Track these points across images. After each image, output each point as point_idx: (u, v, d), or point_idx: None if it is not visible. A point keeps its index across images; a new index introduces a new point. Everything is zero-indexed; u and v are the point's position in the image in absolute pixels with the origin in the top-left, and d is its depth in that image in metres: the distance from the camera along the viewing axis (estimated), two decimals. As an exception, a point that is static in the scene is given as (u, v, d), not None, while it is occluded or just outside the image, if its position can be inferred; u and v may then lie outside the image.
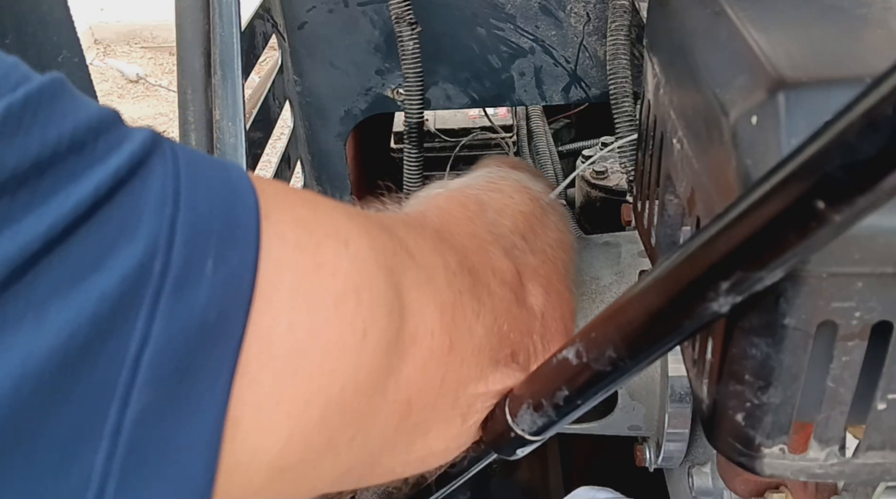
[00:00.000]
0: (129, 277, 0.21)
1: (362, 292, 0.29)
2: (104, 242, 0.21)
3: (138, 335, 0.21)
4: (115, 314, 0.21)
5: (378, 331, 0.30)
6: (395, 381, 0.32)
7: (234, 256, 0.24)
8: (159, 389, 0.22)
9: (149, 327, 0.21)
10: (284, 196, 0.29)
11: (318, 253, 0.28)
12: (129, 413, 0.21)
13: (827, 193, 0.21)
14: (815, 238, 0.22)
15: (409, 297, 0.32)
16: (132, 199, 0.22)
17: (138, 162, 0.22)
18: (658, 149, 0.45)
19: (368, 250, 0.30)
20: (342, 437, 0.30)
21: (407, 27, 0.75)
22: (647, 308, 0.29)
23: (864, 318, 0.30)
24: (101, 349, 0.20)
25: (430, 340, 0.34)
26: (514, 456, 0.41)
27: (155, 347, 0.21)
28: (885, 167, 0.20)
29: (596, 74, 0.81)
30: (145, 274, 0.22)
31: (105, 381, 0.21)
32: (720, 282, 0.25)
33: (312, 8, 0.79)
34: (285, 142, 0.83)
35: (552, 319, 0.46)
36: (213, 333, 0.23)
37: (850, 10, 0.35)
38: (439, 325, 0.34)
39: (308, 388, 0.27)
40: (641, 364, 0.31)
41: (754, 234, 0.24)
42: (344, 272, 0.29)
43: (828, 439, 0.33)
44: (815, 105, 0.29)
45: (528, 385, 0.37)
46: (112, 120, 0.23)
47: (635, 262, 0.63)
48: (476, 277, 0.39)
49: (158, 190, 0.23)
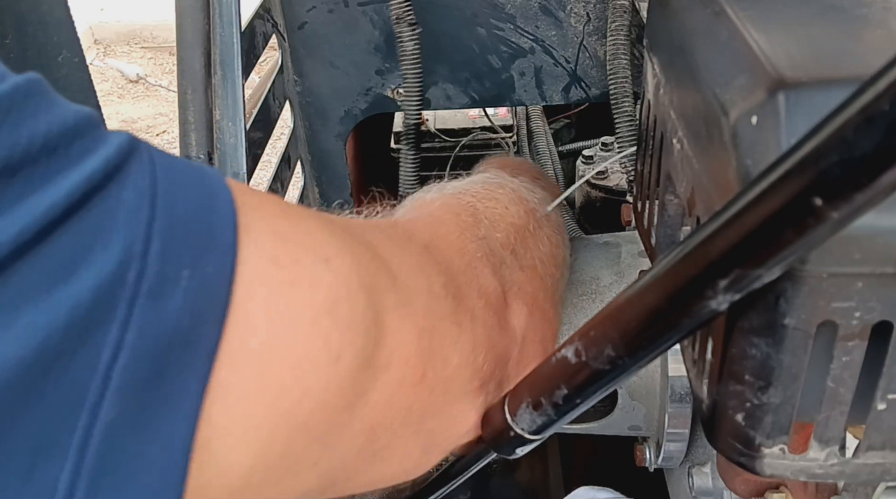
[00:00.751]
0: (103, 284, 0.21)
1: (340, 311, 0.29)
2: (78, 248, 0.21)
3: (111, 343, 0.21)
4: (88, 322, 0.20)
5: (352, 352, 0.29)
6: (362, 405, 0.31)
7: (209, 265, 0.24)
8: (130, 399, 0.21)
9: (122, 336, 0.21)
10: (265, 207, 0.28)
11: (295, 268, 0.27)
12: (99, 424, 0.21)
13: (824, 189, 0.21)
14: (813, 235, 0.22)
15: (387, 319, 0.32)
16: (107, 204, 0.22)
17: (114, 166, 0.22)
18: (658, 149, 0.45)
19: (350, 268, 0.30)
20: (306, 459, 0.29)
21: (407, 27, 0.75)
22: (645, 306, 0.29)
23: (864, 318, 0.30)
24: (72, 357, 0.20)
25: (403, 368, 0.33)
26: (514, 455, 0.41)
27: (128, 356, 0.21)
28: (882, 164, 0.20)
29: (596, 74, 0.81)
30: (120, 281, 0.21)
31: (75, 389, 0.20)
32: (718, 280, 0.25)
33: (312, 8, 0.79)
34: (285, 142, 0.83)
35: (531, 342, 0.45)
36: (186, 343, 0.23)
37: (850, 10, 0.35)
38: (415, 352, 0.34)
39: (278, 406, 0.26)
40: (640, 363, 0.31)
41: (752, 231, 0.24)
42: (322, 289, 0.28)
43: (828, 439, 0.33)
44: (815, 105, 0.29)
45: (527, 384, 0.37)
46: (88, 123, 0.22)
47: (635, 262, 0.63)
48: (459, 300, 0.39)
49: (134, 195, 0.22)
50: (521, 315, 0.44)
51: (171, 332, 0.22)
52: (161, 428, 0.22)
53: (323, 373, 0.28)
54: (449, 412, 0.38)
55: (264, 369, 0.26)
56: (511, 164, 0.62)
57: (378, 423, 0.33)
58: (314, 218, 0.31)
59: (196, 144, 0.59)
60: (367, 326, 0.30)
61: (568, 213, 1.03)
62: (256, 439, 0.26)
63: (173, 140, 3.12)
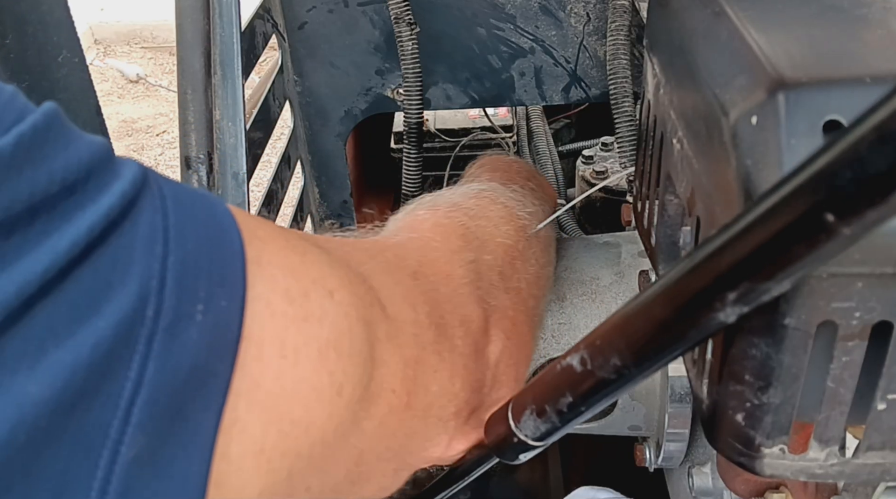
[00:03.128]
0: (124, 320, 0.21)
1: (343, 344, 0.29)
2: (99, 285, 0.21)
3: (133, 380, 0.21)
4: (110, 358, 0.20)
5: (352, 384, 0.30)
6: (356, 433, 0.32)
7: (222, 300, 0.24)
8: (150, 436, 0.21)
9: (142, 372, 0.21)
10: (274, 240, 0.28)
11: (306, 302, 0.28)
12: (120, 462, 0.21)
13: (837, 205, 0.21)
14: (824, 250, 0.22)
15: (379, 350, 0.33)
16: (124, 240, 0.22)
17: (129, 202, 0.22)
18: (658, 149, 0.45)
19: (350, 301, 0.30)
20: (302, 485, 0.30)
21: (406, 27, 0.75)
22: (652, 318, 0.29)
23: (864, 318, 0.30)
24: (96, 394, 0.20)
25: (391, 397, 0.34)
26: (517, 461, 0.41)
27: (147, 393, 0.21)
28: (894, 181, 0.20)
29: (596, 74, 0.81)
30: (140, 318, 0.21)
31: (98, 427, 0.20)
32: (727, 293, 0.25)
33: (312, 8, 0.79)
34: (285, 142, 0.83)
35: (505, 367, 0.46)
36: (202, 378, 0.23)
37: (850, 10, 0.35)
38: (400, 381, 0.35)
39: (287, 439, 0.27)
40: (646, 372, 0.31)
41: (762, 245, 0.23)
42: (329, 323, 0.29)
43: (828, 439, 0.33)
44: (815, 105, 0.29)
45: (531, 391, 0.37)
46: (102, 157, 0.22)
47: (635, 262, 0.63)
48: (442, 329, 0.40)
49: (148, 230, 0.23)
50: (497, 342, 0.45)
51: (188, 367, 0.22)
52: (178, 465, 0.22)
53: (327, 405, 0.28)
54: (425, 436, 0.40)
55: (277, 404, 0.26)
56: (503, 166, 0.62)
57: (367, 448, 0.34)
58: (314, 248, 0.31)
59: (196, 144, 0.59)
60: (364, 358, 0.31)
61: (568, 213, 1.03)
62: (267, 471, 0.26)
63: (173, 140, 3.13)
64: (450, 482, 0.49)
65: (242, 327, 0.25)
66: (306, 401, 0.27)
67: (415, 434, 0.38)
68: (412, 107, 0.80)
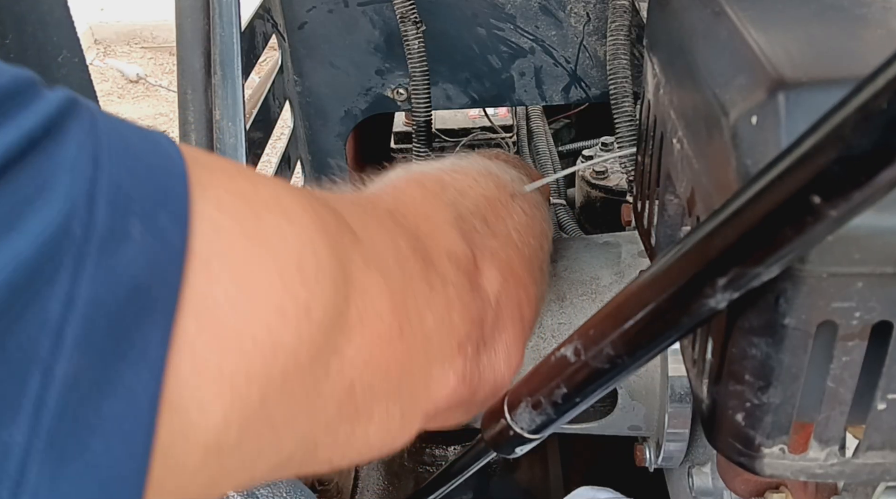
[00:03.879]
0: (47, 237, 0.20)
1: (306, 264, 0.28)
2: (16, 204, 0.20)
3: (61, 298, 0.20)
4: (34, 277, 0.20)
5: (322, 305, 0.29)
6: (338, 361, 0.31)
7: (162, 219, 0.23)
8: (88, 356, 0.20)
9: (73, 290, 0.20)
10: (222, 168, 0.27)
11: (258, 222, 0.27)
12: (55, 383, 0.20)
13: (823, 187, 0.21)
14: (812, 233, 0.22)
15: (355, 276, 0.31)
16: (46, 160, 0.21)
17: (53, 124, 0.21)
18: (658, 149, 0.45)
19: (312, 224, 0.29)
20: (283, 416, 0.29)
21: (412, 26, 0.75)
22: (644, 305, 0.29)
23: (864, 318, 0.30)
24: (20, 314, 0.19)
25: (378, 324, 0.33)
26: (514, 454, 0.41)
27: (81, 311, 0.20)
28: (880, 162, 0.20)
29: (596, 74, 0.81)
30: (65, 234, 0.20)
31: (25, 348, 0.19)
32: (717, 278, 0.25)
33: (312, 8, 0.79)
34: (285, 142, 0.83)
35: (507, 307, 0.45)
36: (144, 297, 0.22)
37: (850, 9, 0.35)
38: (388, 308, 0.33)
39: (249, 360, 0.26)
40: (640, 361, 0.31)
41: (750, 229, 0.24)
42: (286, 243, 0.28)
43: (828, 439, 0.33)
44: (815, 105, 0.29)
45: (527, 383, 0.37)
46: (26, 83, 0.21)
47: (635, 262, 0.63)
48: (428, 262, 0.38)
49: (75, 152, 0.21)
50: (493, 280, 0.44)
51: (126, 286, 0.21)
52: (123, 384, 0.21)
53: (293, 326, 0.27)
54: (428, 373, 0.38)
55: (231, 321, 0.25)
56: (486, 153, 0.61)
57: (357, 379, 0.32)
58: (271, 179, 0.30)
59: (196, 144, 0.59)
60: (335, 279, 0.30)
61: (568, 213, 1.03)
62: (229, 392, 0.25)
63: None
64: (447, 478, 0.49)
65: (187, 246, 0.23)
66: (267, 322, 0.26)
67: (414, 369, 0.36)
68: (420, 106, 0.79)
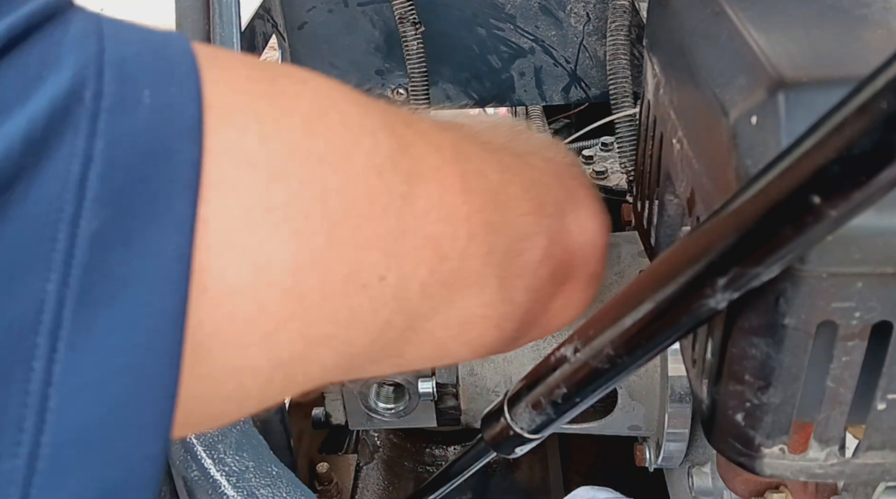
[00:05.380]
0: (58, 101, 0.20)
1: (331, 116, 0.28)
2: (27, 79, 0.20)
3: (79, 154, 0.20)
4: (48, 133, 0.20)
5: (364, 151, 0.28)
6: (410, 211, 0.30)
7: (172, 85, 0.23)
8: (113, 211, 0.21)
9: (90, 147, 0.21)
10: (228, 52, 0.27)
11: (274, 83, 0.27)
12: (82, 235, 0.20)
13: (822, 187, 0.21)
14: (811, 233, 0.22)
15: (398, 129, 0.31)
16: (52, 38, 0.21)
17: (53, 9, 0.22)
18: (658, 149, 0.45)
19: (330, 87, 0.29)
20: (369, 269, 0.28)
21: (411, 27, 0.75)
22: (644, 305, 0.29)
23: (864, 318, 0.30)
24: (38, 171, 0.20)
25: (436, 174, 0.32)
26: (513, 454, 0.41)
27: (100, 167, 0.21)
28: (880, 162, 0.20)
29: (596, 74, 0.81)
30: (77, 99, 0.21)
31: (47, 202, 0.20)
32: (717, 278, 0.25)
33: (312, 8, 0.79)
34: (285, 142, 0.83)
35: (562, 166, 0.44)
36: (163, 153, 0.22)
37: (851, 9, 0.35)
38: (442, 161, 0.32)
39: (300, 199, 0.25)
40: (639, 361, 0.31)
41: (750, 229, 0.24)
42: (307, 98, 0.27)
43: (828, 439, 0.33)
44: (816, 105, 0.29)
45: (527, 383, 0.37)
46: None
47: (635, 262, 0.63)
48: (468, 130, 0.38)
49: (80, 30, 0.22)
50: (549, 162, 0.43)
51: (144, 146, 0.22)
52: (151, 238, 0.22)
53: (338, 169, 0.27)
54: (513, 229, 0.37)
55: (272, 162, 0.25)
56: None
57: (440, 234, 0.31)
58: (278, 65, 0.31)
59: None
60: (374, 130, 0.29)
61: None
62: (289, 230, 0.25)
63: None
64: (447, 478, 0.49)
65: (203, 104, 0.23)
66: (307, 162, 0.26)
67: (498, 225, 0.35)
68: (420, 106, 0.79)
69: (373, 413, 0.65)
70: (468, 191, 0.33)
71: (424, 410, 0.64)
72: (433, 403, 0.64)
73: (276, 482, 0.54)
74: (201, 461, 0.54)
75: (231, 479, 0.53)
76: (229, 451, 0.54)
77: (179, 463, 0.56)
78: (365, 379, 0.63)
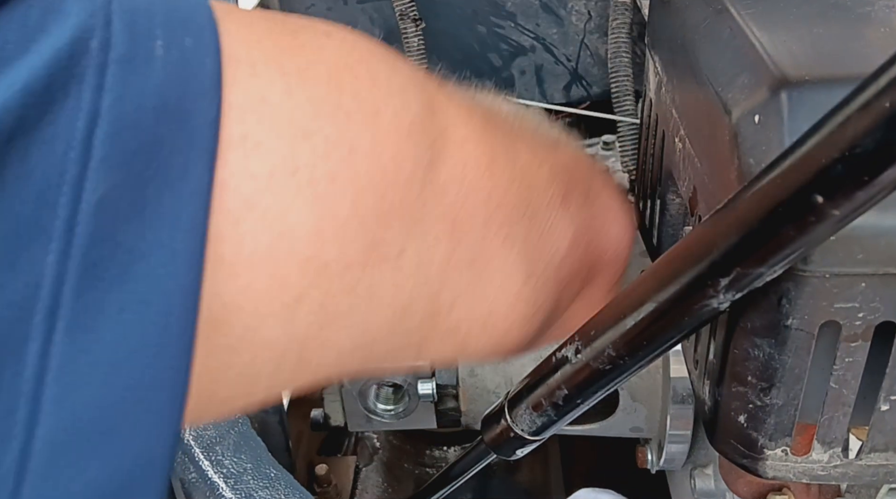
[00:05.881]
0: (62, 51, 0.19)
1: (358, 70, 0.26)
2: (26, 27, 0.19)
3: (85, 112, 0.19)
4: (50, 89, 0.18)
5: (390, 110, 0.26)
6: (432, 184, 0.28)
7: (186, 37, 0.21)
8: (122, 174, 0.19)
9: (97, 104, 0.19)
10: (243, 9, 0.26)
11: (296, 35, 0.25)
12: (86, 201, 0.19)
13: (825, 187, 0.21)
14: (814, 233, 0.22)
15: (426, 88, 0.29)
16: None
17: None
18: (660, 148, 0.45)
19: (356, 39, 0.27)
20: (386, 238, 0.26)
21: (411, 24, 0.74)
22: (645, 306, 0.29)
23: (868, 318, 0.29)
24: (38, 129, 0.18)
25: (463, 148, 0.30)
26: (514, 456, 0.40)
27: (108, 126, 0.19)
28: (883, 161, 0.19)
29: (597, 73, 0.81)
30: (82, 49, 0.19)
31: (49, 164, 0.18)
32: (719, 278, 0.25)
33: (311, 6, 0.79)
34: (285, 141, 0.83)
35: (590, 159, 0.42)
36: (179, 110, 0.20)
37: (853, 8, 0.35)
38: (469, 133, 0.31)
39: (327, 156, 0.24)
40: (641, 363, 0.31)
41: (753, 229, 0.24)
42: (333, 51, 0.26)
43: (831, 440, 0.33)
44: (818, 104, 0.28)
45: (527, 384, 0.37)
46: None
47: (636, 262, 0.63)
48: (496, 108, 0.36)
49: None
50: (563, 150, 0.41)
51: (155, 103, 0.20)
52: (166, 207, 0.20)
53: (366, 127, 0.25)
54: (539, 217, 0.35)
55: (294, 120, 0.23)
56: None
57: (458, 216, 0.30)
58: None
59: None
60: (399, 87, 0.27)
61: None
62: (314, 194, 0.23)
63: None
64: (448, 480, 0.49)
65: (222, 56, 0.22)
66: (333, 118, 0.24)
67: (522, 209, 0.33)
68: None
69: (372, 415, 0.65)
70: (494, 167, 0.32)
71: (424, 411, 0.64)
72: (433, 404, 0.64)
73: (275, 484, 0.54)
74: (199, 463, 0.54)
75: (229, 481, 0.53)
76: (227, 453, 0.54)
77: (177, 465, 0.56)
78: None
